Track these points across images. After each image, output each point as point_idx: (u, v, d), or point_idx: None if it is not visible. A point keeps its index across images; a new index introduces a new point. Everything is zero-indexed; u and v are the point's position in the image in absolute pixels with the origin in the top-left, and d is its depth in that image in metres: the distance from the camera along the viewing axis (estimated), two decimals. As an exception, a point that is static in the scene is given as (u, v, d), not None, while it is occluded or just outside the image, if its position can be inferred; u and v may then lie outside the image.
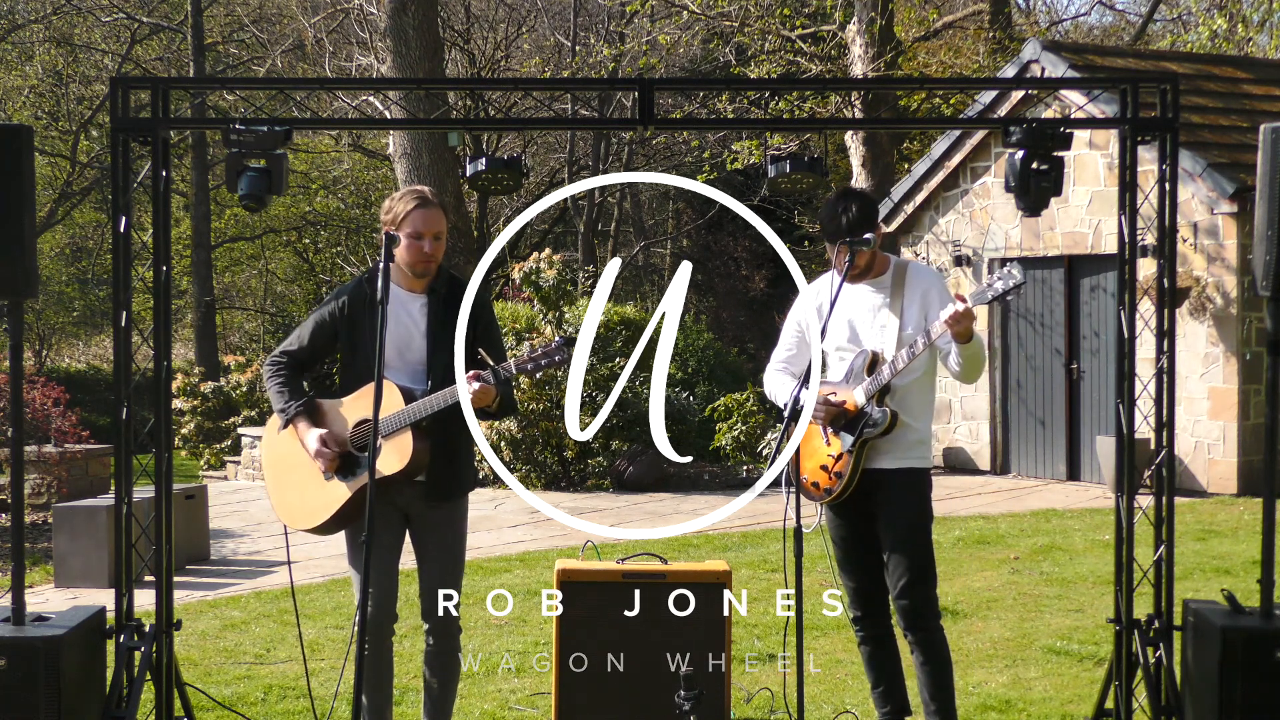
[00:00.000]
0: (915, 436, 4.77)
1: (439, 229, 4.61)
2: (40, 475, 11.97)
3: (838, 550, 4.94)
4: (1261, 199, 4.32)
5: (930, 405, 4.88)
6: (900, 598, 4.73)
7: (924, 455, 4.82)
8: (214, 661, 6.60)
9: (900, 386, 4.74)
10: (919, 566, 4.70)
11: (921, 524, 4.76)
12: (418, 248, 4.58)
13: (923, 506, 4.78)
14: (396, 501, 4.61)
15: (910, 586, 4.69)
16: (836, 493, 4.77)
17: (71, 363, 31.89)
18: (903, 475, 4.74)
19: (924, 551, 4.73)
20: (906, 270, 4.85)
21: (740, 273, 26.40)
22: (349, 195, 28.16)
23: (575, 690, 4.97)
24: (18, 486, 4.50)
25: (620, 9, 21.51)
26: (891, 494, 4.74)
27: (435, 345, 4.61)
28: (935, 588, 4.77)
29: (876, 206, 4.91)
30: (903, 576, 4.70)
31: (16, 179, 4.25)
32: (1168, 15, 24.44)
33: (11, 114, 25.71)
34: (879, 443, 4.72)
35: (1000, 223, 14.23)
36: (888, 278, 4.83)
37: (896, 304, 4.77)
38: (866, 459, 4.74)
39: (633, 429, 13.61)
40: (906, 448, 4.75)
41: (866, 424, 4.70)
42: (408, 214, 4.57)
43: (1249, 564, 8.58)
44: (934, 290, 4.77)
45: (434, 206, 4.61)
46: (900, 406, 4.73)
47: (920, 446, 4.80)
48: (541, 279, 13.76)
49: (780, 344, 5.10)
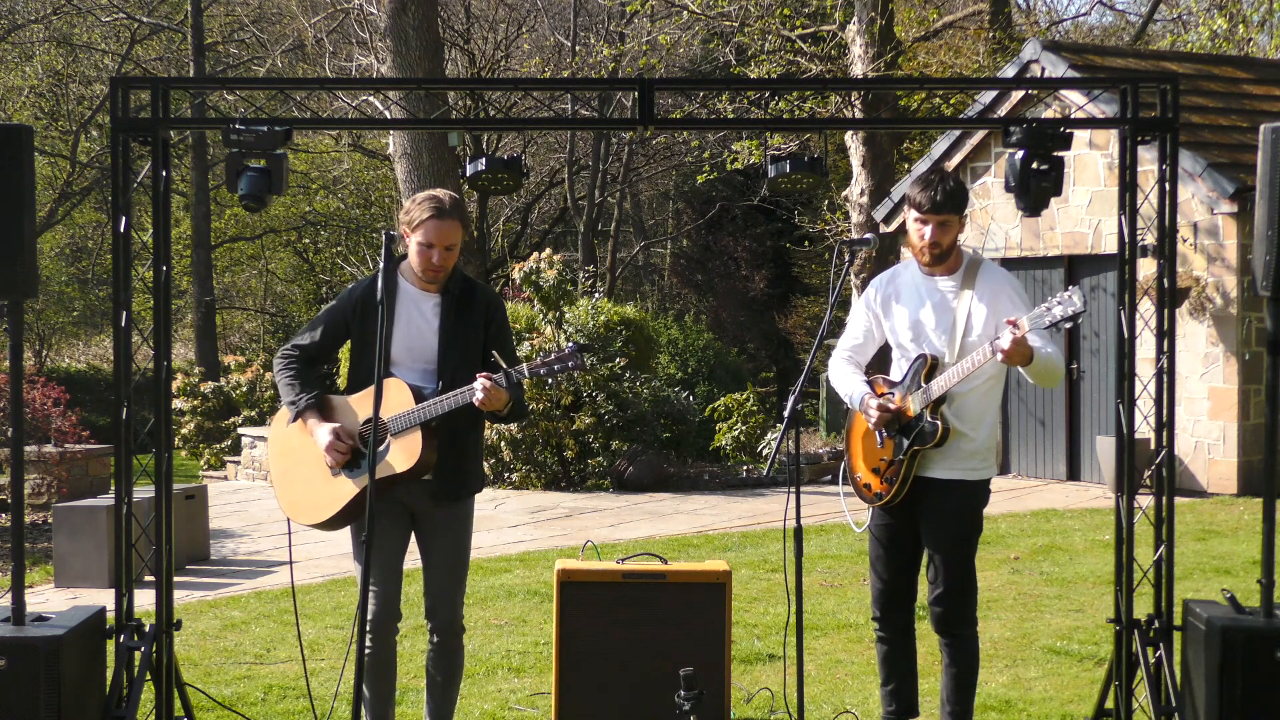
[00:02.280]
0: (971, 447, 4.66)
1: (451, 240, 4.54)
2: (40, 475, 11.97)
3: (877, 545, 4.86)
4: (1261, 199, 4.32)
5: (992, 414, 4.74)
6: (936, 604, 4.70)
7: (978, 467, 4.69)
8: (214, 661, 6.60)
9: (959, 394, 4.63)
10: (960, 577, 4.68)
11: (967, 536, 4.70)
12: (427, 256, 4.54)
13: (971, 519, 4.71)
14: (403, 500, 4.60)
15: (948, 595, 4.67)
16: (887, 498, 4.72)
17: (71, 363, 31.89)
18: (953, 486, 4.66)
19: (966, 563, 4.70)
20: (979, 269, 4.71)
21: (740, 273, 26.41)
22: (349, 195, 28.17)
23: (575, 690, 4.97)
24: (18, 486, 4.50)
25: (620, 9, 21.51)
26: (940, 504, 4.67)
27: (447, 345, 4.59)
28: (975, 598, 4.74)
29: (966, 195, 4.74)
30: (941, 585, 4.68)
31: (16, 179, 4.26)
32: (1168, 15, 24.43)
33: (11, 114, 25.71)
34: (931, 451, 4.64)
35: (1000, 223, 14.24)
36: (959, 276, 4.70)
37: (964, 305, 4.65)
38: (919, 466, 4.66)
39: (633, 429, 13.61)
40: (961, 458, 4.66)
41: (919, 434, 4.62)
42: (422, 222, 4.53)
43: (1249, 564, 8.58)
44: (1003, 294, 4.63)
45: (450, 218, 4.53)
46: (957, 415, 4.62)
47: (974, 458, 4.68)
48: (541, 279, 13.76)
49: (848, 329, 4.97)
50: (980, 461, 4.71)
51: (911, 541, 4.78)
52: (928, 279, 4.75)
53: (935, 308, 4.70)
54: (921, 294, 4.74)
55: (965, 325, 4.63)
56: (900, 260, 4.95)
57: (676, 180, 27.63)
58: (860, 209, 16.75)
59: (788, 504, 4.51)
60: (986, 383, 4.66)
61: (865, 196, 16.67)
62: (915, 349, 4.72)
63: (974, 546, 4.75)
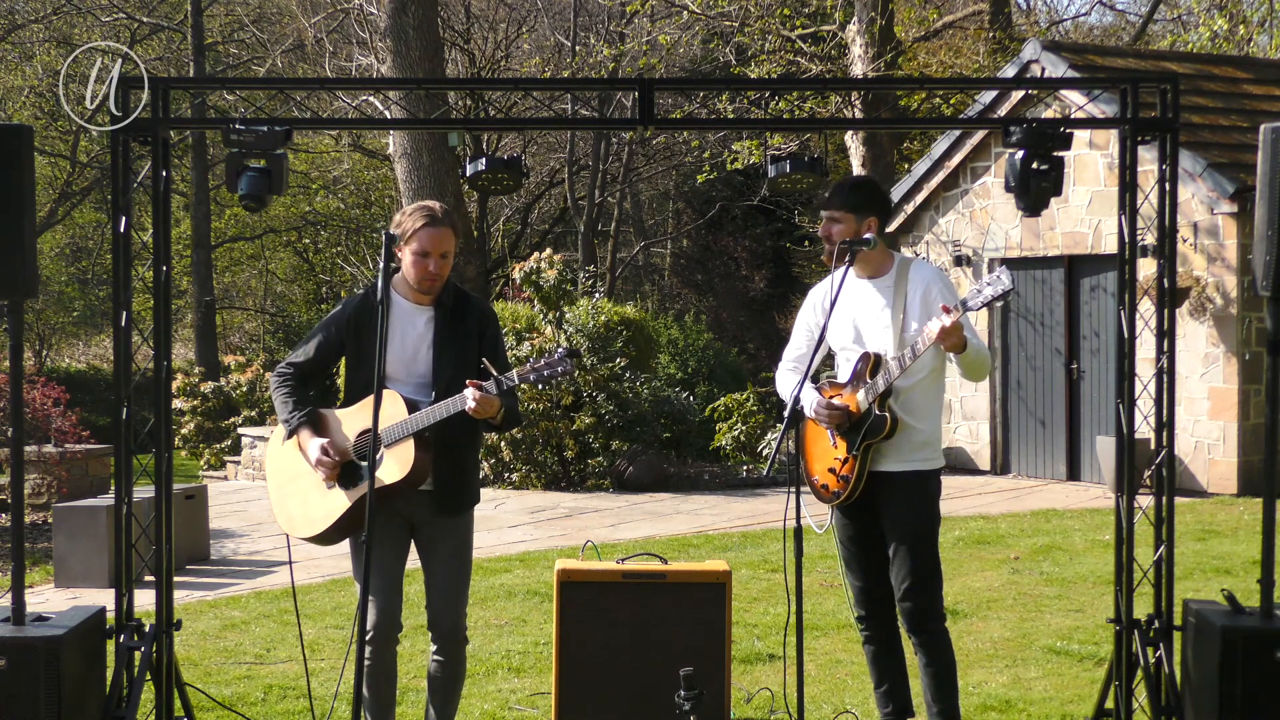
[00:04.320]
0: (920, 438, 4.74)
1: (446, 248, 4.54)
2: (40, 475, 11.97)
3: (844, 549, 4.93)
4: (1261, 199, 4.32)
5: (937, 405, 4.84)
6: (903, 600, 4.72)
7: (930, 457, 4.78)
8: (214, 661, 6.59)
9: (904, 388, 4.70)
10: (923, 570, 4.69)
11: (927, 527, 4.74)
12: (423, 265, 4.54)
13: (928, 509, 4.75)
14: (401, 511, 4.59)
15: (913, 590, 4.69)
16: (844, 496, 4.77)
17: (71, 363, 31.88)
18: (908, 478, 4.72)
19: (928, 555, 4.71)
20: (909, 268, 4.81)
21: (740, 273, 26.41)
22: (349, 195, 28.17)
23: (575, 690, 4.97)
24: (18, 486, 4.50)
25: (620, 9, 21.51)
26: (896, 496, 4.72)
27: (440, 358, 4.59)
28: (940, 591, 4.76)
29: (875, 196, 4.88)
30: (906, 579, 4.69)
31: (16, 179, 4.26)
32: (1168, 15, 24.43)
33: (11, 114, 25.71)
34: (883, 445, 4.69)
35: (1000, 223, 14.23)
36: (891, 276, 4.80)
37: (899, 303, 4.74)
38: (872, 461, 4.72)
39: (633, 429, 13.61)
40: (912, 450, 4.73)
41: (869, 428, 4.68)
42: (415, 231, 4.53)
43: (1249, 564, 8.58)
44: (935, 287, 4.73)
45: (442, 225, 4.54)
46: (904, 408, 4.70)
47: (925, 448, 4.76)
48: (542, 279, 13.76)
49: (791, 343, 5.08)
50: (931, 452, 4.79)
51: (878, 540, 4.82)
52: (862, 283, 4.84)
53: (872, 308, 4.79)
54: (858, 297, 4.83)
55: (903, 320, 4.72)
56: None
57: (676, 180, 27.63)
58: (860, 209, 16.71)
59: (787, 504, 4.51)
60: (930, 375, 4.75)
61: (865, 196, 16.63)
62: (858, 349, 4.81)
63: (935, 537, 4.78)
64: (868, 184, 4.89)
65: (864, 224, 4.74)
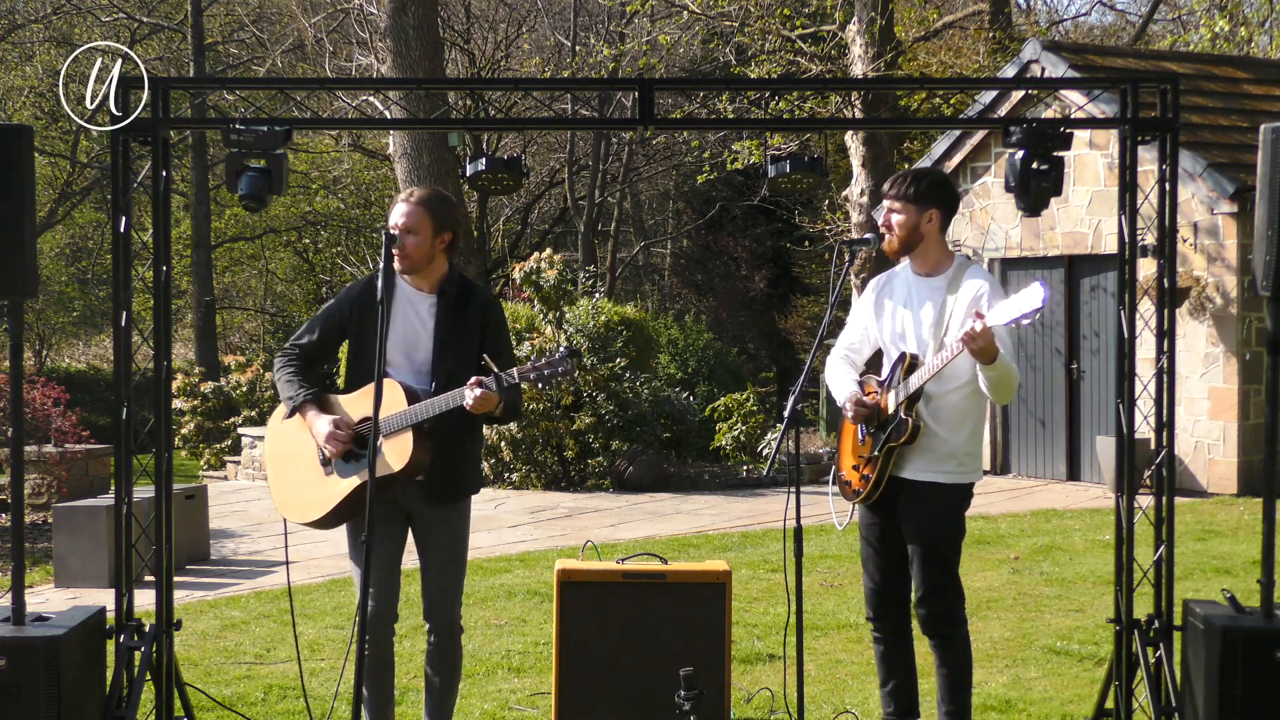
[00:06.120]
0: (947, 449, 4.63)
1: (410, 224, 4.53)
2: (40, 475, 11.97)
3: (865, 545, 4.88)
4: (1261, 199, 4.32)
5: (971, 417, 4.68)
6: (919, 606, 4.71)
7: (954, 470, 4.65)
8: (214, 661, 6.60)
9: (936, 394, 4.61)
10: (939, 578, 4.66)
11: (945, 538, 4.67)
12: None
13: (948, 521, 4.67)
14: (398, 500, 4.60)
15: (928, 597, 4.67)
16: (864, 495, 4.74)
17: (71, 363, 31.89)
18: (930, 488, 4.64)
19: (945, 565, 4.67)
20: (965, 270, 4.71)
21: (740, 273, 26.40)
22: (349, 195, 28.17)
23: (575, 690, 4.97)
24: (18, 486, 4.50)
25: (620, 9, 21.50)
26: (915, 505, 4.67)
27: (441, 347, 4.60)
28: (958, 598, 4.72)
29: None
30: (921, 587, 4.67)
31: (16, 179, 4.25)
32: (1168, 15, 24.43)
33: (11, 114, 25.71)
34: (906, 450, 4.62)
35: (1000, 223, 14.23)
36: (946, 276, 4.70)
37: (947, 305, 4.64)
38: (894, 466, 4.65)
39: (633, 429, 13.61)
40: (935, 460, 4.63)
41: (892, 430, 4.61)
42: (391, 209, 4.62)
43: (1249, 564, 8.58)
44: (984, 295, 4.58)
45: (412, 203, 4.56)
46: (933, 415, 4.60)
47: (950, 460, 4.64)
48: (542, 279, 13.76)
49: (847, 329, 4.98)
50: (958, 465, 4.67)
51: (899, 541, 4.78)
52: (918, 279, 4.77)
53: (920, 308, 4.72)
54: (910, 294, 4.77)
55: (945, 324, 4.63)
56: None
57: (676, 180, 27.63)
58: (860, 209, 16.75)
59: (788, 504, 4.51)
60: (967, 385, 4.60)
61: (865, 196, 16.66)
62: (899, 348, 4.74)
63: (954, 549, 4.72)
64: (932, 175, 4.76)
65: (925, 216, 4.64)
